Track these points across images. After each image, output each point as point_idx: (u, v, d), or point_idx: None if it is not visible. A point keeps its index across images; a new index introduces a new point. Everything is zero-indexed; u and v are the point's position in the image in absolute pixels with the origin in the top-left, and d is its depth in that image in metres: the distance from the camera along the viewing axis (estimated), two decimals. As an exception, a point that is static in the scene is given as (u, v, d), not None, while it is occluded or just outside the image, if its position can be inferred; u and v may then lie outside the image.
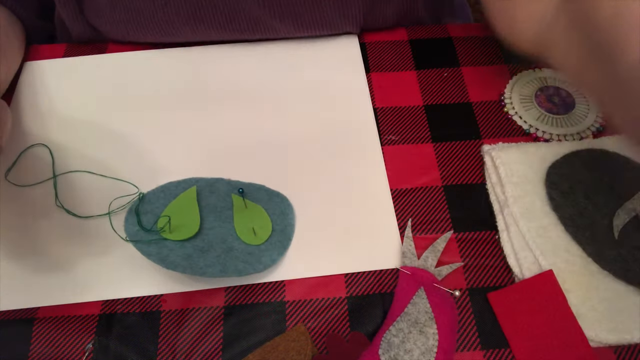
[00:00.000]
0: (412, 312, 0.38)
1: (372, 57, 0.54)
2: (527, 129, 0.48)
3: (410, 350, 0.36)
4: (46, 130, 0.49)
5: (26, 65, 0.54)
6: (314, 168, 0.46)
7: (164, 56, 0.55)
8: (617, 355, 0.37)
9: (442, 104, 0.51)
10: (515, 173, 0.43)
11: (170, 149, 0.48)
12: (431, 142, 0.48)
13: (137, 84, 0.52)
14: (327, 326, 0.39)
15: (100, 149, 0.48)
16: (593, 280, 0.39)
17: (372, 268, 0.41)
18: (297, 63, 0.54)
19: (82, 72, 0.53)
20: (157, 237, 0.40)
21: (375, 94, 0.52)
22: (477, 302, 0.40)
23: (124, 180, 0.45)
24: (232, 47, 0.55)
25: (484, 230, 0.43)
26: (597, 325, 0.37)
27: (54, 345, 0.38)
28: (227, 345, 0.38)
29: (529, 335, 0.37)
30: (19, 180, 0.46)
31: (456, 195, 0.45)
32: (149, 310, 0.39)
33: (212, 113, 0.50)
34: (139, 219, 0.41)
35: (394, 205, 0.44)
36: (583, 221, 0.41)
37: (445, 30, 0.57)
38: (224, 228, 0.42)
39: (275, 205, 0.43)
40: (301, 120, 0.49)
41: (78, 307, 0.40)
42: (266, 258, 0.41)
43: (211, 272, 0.39)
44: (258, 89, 0.52)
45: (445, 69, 0.53)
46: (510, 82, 0.52)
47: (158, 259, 0.39)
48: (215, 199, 0.43)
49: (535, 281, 0.38)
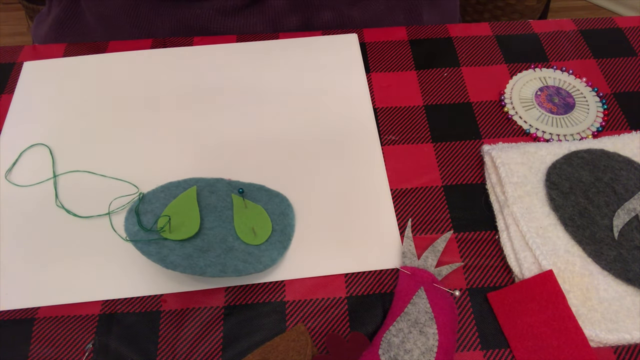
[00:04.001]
0: (412, 312, 0.38)
1: (372, 57, 0.54)
2: (527, 129, 0.48)
3: (410, 350, 0.36)
4: (46, 130, 0.49)
5: (26, 65, 0.54)
6: (314, 168, 0.46)
7: (164, 56, 0.55)
8: (617, 356, 0.37)
9: (442, 104, 0.51)
10: (515, 173, 0.43)
11: (171, 149, 0.48)
12: (431, 142, 0.48)
13: (137, 84, 0.52)
14: (327, 326, 0.39)
15: (100, 149, 0.48)
16: (593, 280, 0.39)
17: (372, 268, 0.41)
18: (297, 63, 0.54)
19: (82, 72, 0.53)
20: (157, 237, 0.40)
21: (375, 94, 0.52)
22: (477, 302, 0.40)
23: (124, 180, 0.45)
24: (232, 47, 0.55)
25: (484, 230, 0.43)
26: (597, 325, 0.37)
27: (54, 345, 0.38)
28: (227, 345, 0.38)
29: (529, 335, 0.37)
30: (19, 180, 0.46)
31: (456, 195, 0.45)
32: (149, 310, 0.39)
33: (212, 113, 0.50)
34: (139, 219, 0.41)
35: (394, 205, 0.44)
36: (583, 221, 0.41)
37: (445, 30, 0.57)
38: (224, 228, 0.42)
39: (275, 205, 0.43)
40: (301, 120, 0.49)
41: (78, 307, 0.40)
42: (266, 258, 0.41)
43: (211, 272, 0.39)
44: (258, 89, 0.52)
45: (445, 69, 0.53)
46: (510, 82, 0.52)
47: (158, 259, 0.39)
48: (215, 199, 0.43)
49: (535, 281, 0.38)
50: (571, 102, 0.50)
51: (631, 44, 0.55)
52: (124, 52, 0.55)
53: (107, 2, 0.56)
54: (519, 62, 0.54)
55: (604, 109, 0.50)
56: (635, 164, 0.44)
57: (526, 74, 0.52)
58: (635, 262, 0.39)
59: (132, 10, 0.56)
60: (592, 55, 0.55)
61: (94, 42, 0.56)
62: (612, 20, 0.58)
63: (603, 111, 0.50)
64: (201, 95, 0.51)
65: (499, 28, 0.57)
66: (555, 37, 0.56)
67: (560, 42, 0.56)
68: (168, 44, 0.56)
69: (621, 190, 0.42)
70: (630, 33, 0.56)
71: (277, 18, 0.56)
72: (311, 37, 0.56)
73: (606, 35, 0.56)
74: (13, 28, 1.58)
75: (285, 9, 0.56)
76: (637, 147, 0.45)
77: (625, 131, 0.48)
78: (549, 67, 0.53)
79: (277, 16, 0.56)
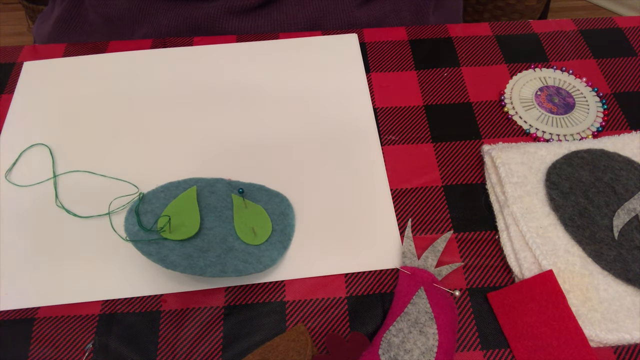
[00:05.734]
0: (412, 312, 0.38)
1: (372, 57, 0.54)
2: (527, 129, 0.48)
3: (410, 350, 0.36)
4: (46, 130, 0.49)
5: (26, 65, 0.54)
6: (314, 168, 0.46)
7: (164, 56, 0.55)
8: (617, 356, 0.37)
9: (442, 104, 0.51)
10: (515, 173, 0.43)
11: (170, 149, 0.48)
12: (431, 142, 0.48)
13: (137, 84, 0.52)
14: (327, 326, 0.39)
15: (100, 149, 0.48)
16: (593, 280, 0.39)
17: (372, 268, 0.41)
18: (297, 63, 0.54)
19: (82, 72, 0.53)
20: (157, 237, 0.40)
21: (375, 94, 0.52)
22: (477, 302, 0.40)
23: (124, 180, 0.45)
24: (232, 47, 0.55)
25: (484, 230, 0.43)
26: (597, 325, 0.37)
27: (54, 345, 0.38)
28: (227, 345, 0.38)
29: (529, 335, 0.37)
30: (19, 180, 0.46)
31: (456, 195, 0.45)
32: (149, 310, 0.39)
33: (212, 113, 0.50)
34: (139, 219, 0.41)
35: (394, 205, 0.44)
36: (583, 221, 0.41)
37: (445, 30, 0.57)
38: (224, 228, 0.42)
39: (275, 206, 0.43)
40: (301, 120, 0.49)
41: (78, 307, 0.40)
42: (266, 258, 0.41)
43: (211, 272, 0.39)
44: (258, 89, 0.52)
45: (445, 69, 0.53)
46: (510, 82, 0.52)
47: (158, 259, 0.39)
48: (215, 199, 0.43)
49: (535, 281, 0.38)
50: (571, 102, 0.50)
51: (631, 44, 0.55)
52: (124, 52, 0.55)
53: (112, 2, 0.56)
54: (519, 62, 0.54)
55: (604, 109, 0.50)
56: (635, 164, 0.44)
57: (526, 74, 0.52)
58: (635, 262, 0.39)
59: (137, 10, 0.57)
60: (592, 55, 0.55)
61: (94, 42, 0.56)
62: (612, 20, 0.58)
63: (603, 111, 0.50)
64: (201, 95, 0.51)
65: (499, 28, 0.57)
66: (555, 37, 0.56)
67: (560, 42, 0.56)
68: (168, 44, 0.56)
69: (621, 190, 0.42)
70: (630, 33, 0.56)
71: (285, 21, 0.56)
72: (311, 37, 0.56)
73: (606, 35, 0.56)
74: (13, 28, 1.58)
75: (294, 12, 0.56)
76: (637, 147, 0.45)
77: (625, 131, 0.48)
78: (549, 67, 0.53)
79: (285, 19, 0.56)
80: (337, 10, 0.57)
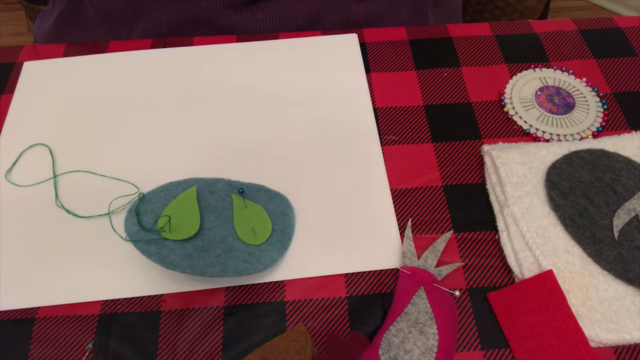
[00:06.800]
0: (412, 312, 0.38)
1: (372, 57, 0.54)
2: (527, 129, 0.48)
3: (410, 350, 0.36)
4: (46, 130, 0.49)
5: (26, 65, 0.54)
6: (314, 168, 0.46)
7: (163, 56, 0.55)
8: (617, 355, 0.37)
9: (442, 104, 0.51)
10: (515, 173, 0.43)
11: (170, 149, 0.48)
12: (431, 142, 0.48)
13: (137, 84, 0.52)
14: (327, 326, 0.39)
15: (100, 149, 0.48)
16: (593, 280, 0.39)
17: (372, 268, 0.41)
18: (297, 63, 0.54)
19: (82, 72, 0.53)
20: (157, 237, 0.40)
21: (375, 94, 0.52)
22: (477, 302, 0.40)
23: (124, 180, 0.45)
24: (232, 47, 0.55)
25: (484, 230, 0.43)
26: (597, 325, 0.37)
27: (54, 345, 0.38)
28: (227, 345, 0.38)
29: (529, 335, 0.37)
30: (19, 180, 0.46)
31: (456, 195, 0.45)
32: (149, 310, 0.39)
33: (212, 113, 0.50)
34: (139, 219, 0.41)
35: (394, 205, 0.44)
36: (583, 221, 0.41)
37: (445, 30, 0.57)
38: (224, 228, 0.42)
39: (275, 206, 0.43)
40: (301, 120, 0.49)
41: (78, 307, 0.40)
42: (266, 258, 0.41)
43: (211, 272, 0.39)
44: (258, 89, 0.52)
45: (445, 69, 0.53)
46: (510, 82, 0.52)
47: (158, 259, 0.39)
48: (215, 199, 0.43)
49: (535, 281, 0.38)
50: (571, 102, 0.50)
51: (631, 44, 0.55)
52: (124, 52, 0.55)
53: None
54: (519, 62, 0.54)
55: (604, 109, 0.50)
56: (635, 164, 0.44)
57: (526, 74, 0.52)
58: (635, 262, 0.39)
59: (136, 5, 0.57)
60: (592, 55, 0.55)
61: (94, 42, 0.56)
62: (612, 20, 0.58)
63: (603, 111, 0.50)
64: (201, 95, 0.51)
65: (499, 28, 0.57)
66: (555, 37, 0.56)
67: (560, 42, 0.56)
68: (168, 44, 0.56)
69: (621, 190, 0.42)
70: (630, 33, 0.56)
71: (284, 15, 0.57)
72: (311, 37, 0.56)
73: (606, 35, 0.56)
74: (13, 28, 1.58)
75: (293, 6, 0.56)
76: (637, 147, 0.45)
77: (625, 131, 0.48)
78: (549, 67, 0.53)
79: (284, 13, 0.56)
80: (335, 4, 0.57)
